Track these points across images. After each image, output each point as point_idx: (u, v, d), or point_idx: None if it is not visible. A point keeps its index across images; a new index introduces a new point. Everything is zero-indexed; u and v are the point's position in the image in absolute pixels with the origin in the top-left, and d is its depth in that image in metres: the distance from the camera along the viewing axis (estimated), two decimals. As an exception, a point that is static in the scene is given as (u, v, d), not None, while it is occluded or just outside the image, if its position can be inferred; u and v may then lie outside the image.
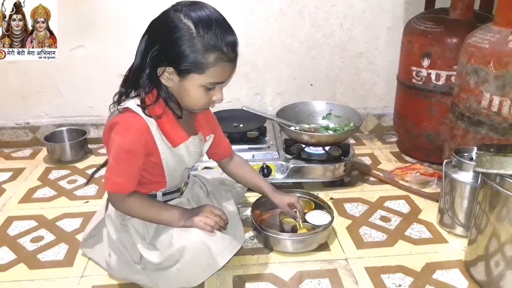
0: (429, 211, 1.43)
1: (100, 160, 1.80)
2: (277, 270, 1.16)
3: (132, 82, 1.00)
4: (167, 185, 1.09)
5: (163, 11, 0.95)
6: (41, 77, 1.85)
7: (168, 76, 0.95)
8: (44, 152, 1.88)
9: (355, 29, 1.90)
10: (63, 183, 1.64)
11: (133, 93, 1.01)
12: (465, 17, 1.57)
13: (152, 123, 0.98)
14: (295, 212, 1.25)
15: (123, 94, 1.01)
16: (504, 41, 1.23)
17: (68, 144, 1.81)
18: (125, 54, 1.16)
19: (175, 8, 0.93)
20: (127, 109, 0.98)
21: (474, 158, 1.26)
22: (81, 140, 1.83)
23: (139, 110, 0.97)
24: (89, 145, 1.90)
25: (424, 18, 1.66)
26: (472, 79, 1.31)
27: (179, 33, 0.90)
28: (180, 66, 0.93)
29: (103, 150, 1.90)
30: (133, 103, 0.98)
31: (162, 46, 0.92)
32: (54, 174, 1.71)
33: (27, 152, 1.92)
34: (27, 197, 1.54)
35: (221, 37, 0.91)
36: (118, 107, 0.99)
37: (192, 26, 0.90)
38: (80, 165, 1.78)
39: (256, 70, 1.94)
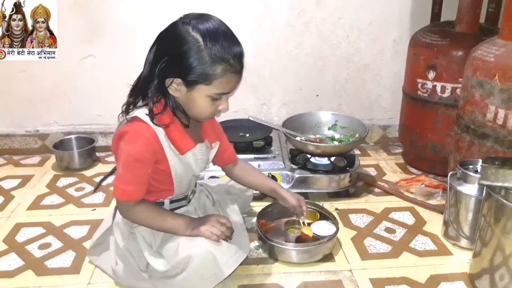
0: (434, 223, 1.43)
1: (108, 168, 1.82)
2: (281, 280, 1.17)
3: (140, 92, 1.02)
4: (175, 192, 1.11)
5: (171, 23, 0.97)
6: (51, 85, 1.88)
7: (176, 87, 0.98)
8: (52, 159, 1.91)
9: (361, 41, 1.92)
10: (71, 190, 1.66)
11: (140, 103, 1.03)
12: (470, 30, 1.58)
13: (160, 132, 1.00)
14: (302, 211, 1.26)
15: (131, 103, 1.03)
16: (510, 55, 1.23)
17: (77, 152, 1.83)
18: (133, 63, 1.18)
19: (183, 21, 0.95)
20: (135, 118, 1.00)
21: (479, 170, 1.26)
22: (89, 148, 1.85)
23: (147, 119, 0.99)
24: (97, 153, 1.93)
25: (429, 31, 1.67)
26: (477, 92, 1.32)
27: (188, 46, 0.92)
28: (188, 77, 0.95)
29: (111, 158, 1.93)
30: (141, 112, 1.00)
31: (171, 58, 0.94)
32: (62, 182, 1.73)
33: (36, 159, 1.94)
34: (36, 204, 1.56)
35: (228, 49, 0.94)
36: (127, 116, 1.02)
37: (200, 39, 0.92)
38: (88, 173, 1.80)
39: (263, 80, 1.95)
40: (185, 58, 0.93)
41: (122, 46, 1.84)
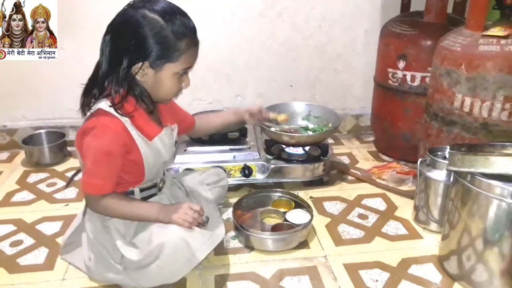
0: (405, 208, 1.47)
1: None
2: (258, 269, 1.18)
3: (100, 85, 1.01)
4: (145, 179, 1.10)
5: (121, 12, 0.97)
6: (18, 78, 1.83)
7: (143, 72, 0.98)
8: (22, 155, 1.86)
9: (334, 31, 1.94)
10: (42, 186, 1.62)
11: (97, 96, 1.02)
12: (438, 20, 1.62)
13: (126, 121, 1.00)
14: (257, 113, 1.39)
15: (92, 97, 1.01)
16: (475, 45, 1.28)
17: (47, 147, 1.79)
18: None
19: (134, 6, 0.96)
20: (100, 111, 0.98)
21: (447, 157, 1.30)
22: (60, 142, 1.81)
23: (112, 111, 0.98)
24: (68, 147, 1.88)
25: (399, 21, 1.70)
26: (445, 81, 1.36)
27: (149, 27, 0.93)
28: (155, 59, 0.96)
29: (83, 152, 1.89)
30: (104, 105, 0.99)
31: (134, 43, 0.94)
32: (33, 178, 1.69)
33: (4, 155, 1.89)
34: (5, 201, 1.52)
35: (186, 24, 0.97)
36: (91, 110, 1.00)
37: (160, 19, 0.94)
38: (60, 168, 1.77)
39: (237, 72, 1.95)
40: (149, 40, 0.94)
41: (92, 38, 1.75)
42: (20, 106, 1.89)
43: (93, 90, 1.01)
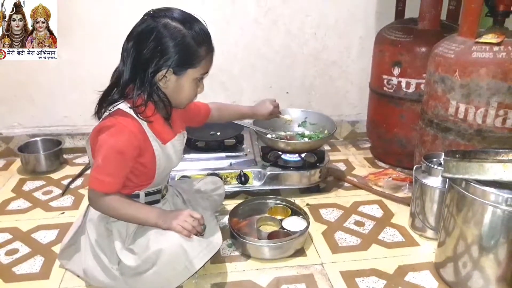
0: (401, 215, 1.47)
1: (76, 170, 1.78)
2: (254, 277, 1.18)
3: (122, 91, 1.03)
4: (153, 182, 1.11)
5: (144, 23, 0.99)
6: (13, 86, 1.83)
7: (166, 79, 1.01)
8: (18, 163, 1.85)
9: (329, 39, 1.95)
10: (38, 194, 1.62)
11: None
12: (432, 27, 1.64)
13: (143, 123, 1.02)
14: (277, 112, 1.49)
15: (112, 102, 1.03)
16: (468, 51, 1.29)
17: (43, 154, 1.79)
18: (99, 62, 1.17)
19: (153, 16, 0.99)
20: (119, 111, 1.01)
21: (442, 163, 1.31)
22: (56, 150, 1.81)
23: (131, 112, 1.01)
24: (64, 155, 1.88)
25: (394, 28, 1.72)
26: (439, 87, 1.37)
27: (173, 36, 0.97)
28: (178, 65, 0.99)
29: (79, 160, 1.89)
30: (123, 106, 1.01)
31: (160, 52, 0.97)
32: (29, 185, 1.68)
33: None
34: (1, 209, 1.51)
35: (204, 30, 1.02)
36: (109, 110, 1.02)
37: (181, 27, 0.98)
38: (56, 175, 1.76)
39: (232, 78, 1.96)
40: (173, 48, 0.97)
41: (88, 46, 1.80)
42: (16, 114, 1.89)
43: (113, 95, 1.03)
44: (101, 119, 1.04)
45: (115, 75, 1.04)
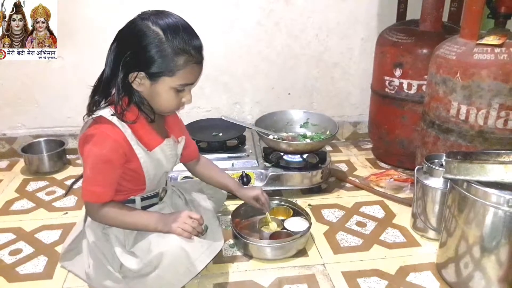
0: (403, 215, 1.48)
1: (79, 170, 1.80)
2: (256, 277, 1.19)
3: (103, 91, 1.02)
4: (146, 189, 1.11)
5: (130, 21, 0.99)
6: (17, 87, 1.84)
7: (139, 81, 0.99)
8: (21, 163, 1.86)
9: (330, 40, 1.96)
10: (41, 194, 1.63)
11: (103, 103, 1.04)
12: (434, 28, 1.64)
13: (126, 131, 1.01)
14: (262, 204, 1.32)
15: (95, 103, 1.03)
16: (470, 53, 1.29)
17: (46, 155, 1.80)
18: (102, 64, 1.17)
19: (142, 17, 0.98)
20: (101, 119, 1.00)
21: (443, 164, 1.31)
22: (59, 151, 1.82)
23: (113, 119, 0.99)
24: (67, 155, 1.90)
25: (395, 29, 1.72)
26: (441, 89, 1.38)
27: (149, 39, 0.95)
28: (151, 70, 0.97)
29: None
30: (106, 112, 1.00)
31: (133, 52, 0.96)
32: (32, 186, 1.69)
33: (3, 163, 1.89)
34: (5, 210, 1.52)
35: (188, 41, 0.97)
36: (92, 116, 1.01)
37: (160, 32, 0.95)
38: (59, 176, 1.77)
39: (235, 80, 1.97)
40: (147, 51, 0.95)
41: (91, 47, 1.81)
42: (20, 115, 1.90)
43: (97, 96, 1.03)
44: (84, 124, 1.04)
45: (100, 75, 1.04)
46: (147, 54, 0.95)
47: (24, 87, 1.84)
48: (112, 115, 1.00)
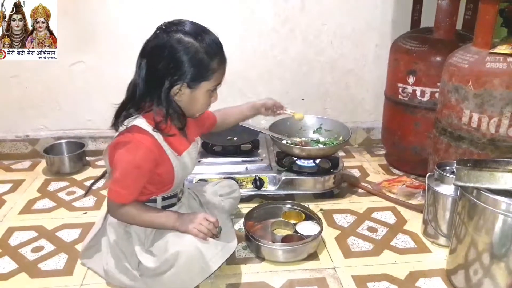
0: (414, 222, 1.49)
1: (98, 172, 1.85)
2: (268, 279, 1.22)
3: (136, 105, 1.06)
4: (171, 189, 1.16)
5: (153, 36, 1.02)
6: (41, 90, 1.91)
7: (181, 92, 1.04)
8: (43, 164, 1.93)
9: (345, 47, 1.98)
10: (62, 194, 1.69)
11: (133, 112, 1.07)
12: (447, 37, 1.65)
13: (159, 137, 1.06)
14: (272, 106, 1.46)
15: (128, 115, 1.07)
16: (482, 62, 1.30)
17: (67, 156, 1.86)
18: (122, 69, 1.21)
19: (166, 30, 1.01)
20: (135, 128, 1.04)
21: (454, 171, 1.32)
22: (79, 152, 1.88)
23: (147, 127, 1.04)
24: (87, 157, 1.96)
25: (409, 37, 1.74)
26: (453, 97, 1.39)
27: (187, 51, 0.99)
28: (192, 79, 1.02)
29: (101, 162, 1.95)
30: (139, 122, 1.04)
31: (173, 68, 1.00)
32: (53, 186, 1.75)
33: (26, 164, 1.96)
34: (27, 208, 1.58)
35: (215, 43, 1.04)
36: (126, 124, 1.05)
37: (194, 41, 1.00)
38: (79, 177, 1.83)
39: (250, 85, 2.00)
40: (188, 63, 1.00)
41: (112, 52, 1.87)
42: (42, 117, 1.97)
43: (129, 109, 1.07)
44: (117, 133, 1.07)
45: (130, 88, 1.07)
46: (188, 66, 1.00)
47: (47, 91, 1.91)
48: (147, 124, 1.04)
